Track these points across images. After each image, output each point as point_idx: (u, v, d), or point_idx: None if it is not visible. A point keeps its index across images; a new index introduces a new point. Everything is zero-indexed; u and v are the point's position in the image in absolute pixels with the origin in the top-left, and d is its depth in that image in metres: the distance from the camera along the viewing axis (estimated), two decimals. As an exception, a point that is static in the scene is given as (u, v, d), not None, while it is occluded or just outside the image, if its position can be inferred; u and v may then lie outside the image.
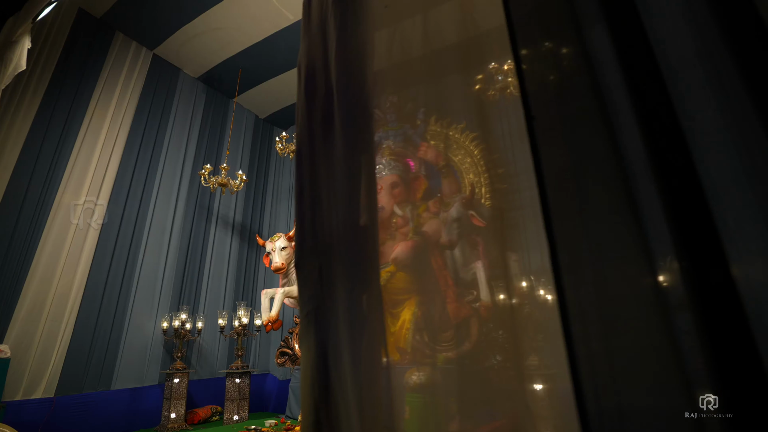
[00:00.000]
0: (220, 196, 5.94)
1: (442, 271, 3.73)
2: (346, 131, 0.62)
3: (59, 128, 4.34)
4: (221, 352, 5.49)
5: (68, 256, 4.19)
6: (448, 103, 1.17)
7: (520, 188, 4.85)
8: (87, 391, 4.17)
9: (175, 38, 5.13)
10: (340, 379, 0.50)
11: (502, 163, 5.12)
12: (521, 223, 4.90)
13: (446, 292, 3.58)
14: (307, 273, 0.60)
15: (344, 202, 0.60)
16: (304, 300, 0.59)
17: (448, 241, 3.42)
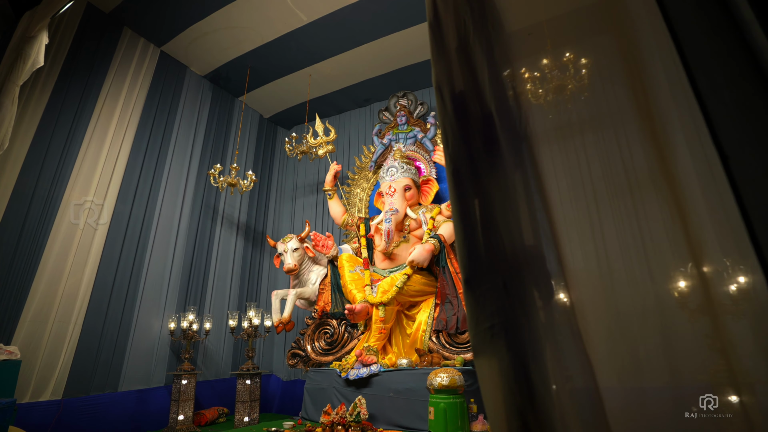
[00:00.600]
0: (226, 195, 5.89)
1: (458, 273, 3.80)
2: (515, 156, 0.66)
3: (68, 125, 4.26)
4: (226, 353, 5.46)
5: (76, 256, 4.12)
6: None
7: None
8: (94, 393, 4.10)
9: (184, 36, 5.07)
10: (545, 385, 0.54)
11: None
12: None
13: (463, 295, 3.64)
14: (487, 289, 0.64)
15: (516, 221, 0.64)
16: (484, 314, 0.63)
17: (466, 244, 3.49)
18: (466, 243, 0.69)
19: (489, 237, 0.65)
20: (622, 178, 0.63)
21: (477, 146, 0.71)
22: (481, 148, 0.71)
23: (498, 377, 0.60)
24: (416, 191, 4.61)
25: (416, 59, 5.67)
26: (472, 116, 0.74)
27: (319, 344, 4.31)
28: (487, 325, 0.62)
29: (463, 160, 0.72)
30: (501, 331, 0.61)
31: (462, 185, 0.72)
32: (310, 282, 4.64)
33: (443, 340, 3.66)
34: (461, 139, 0.74)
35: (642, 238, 0.60)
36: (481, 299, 0.64)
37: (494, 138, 0.70)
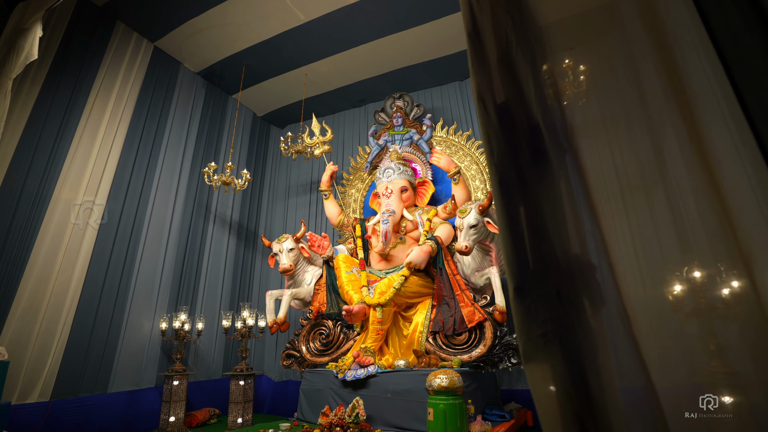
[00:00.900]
0: (219, 194, 5.82)
1: (455, 275, 3.84)
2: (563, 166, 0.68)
3: (58, 120, 4.16)
4: (218, 354, 5.40)
5: (66, 254, 4.02)
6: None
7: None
8: (84, 394, 4.01)
9: (179, 31, 5.00)
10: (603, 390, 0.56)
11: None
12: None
13: (460, 296, 3.69)
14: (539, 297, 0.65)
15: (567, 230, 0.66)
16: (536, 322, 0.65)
17: (464, 246, 3.52)
18: (515, 252, 0.70)
19: (540, 246, 0.67)
20: (660, 184, 0.65)
21: (525, 157, 0.73)
22: (529, 159, 0.73)
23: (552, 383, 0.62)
24: (412, 193, 4.63)
25: (413, 61, 5.70)
26: (519, 127, 0.76)
27: (315, 345, 4.29)
28: (540, 332, 0.64)
29: (511, 171, 0.74)
30: (555, 337, 0.63)
31: (509, 195, 0.73)
32: (305, 282, 4.62)
33: (440, 341, 3.69)
34: (508, 150, 0.76)
35: (681, 242, 0.62)
36: (532, 307, 0.66)
37: (542, 149, 0.72)
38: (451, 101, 5.97)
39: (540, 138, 0.73)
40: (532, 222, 0.69)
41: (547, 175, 0.70)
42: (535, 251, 0.68)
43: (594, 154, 0.72)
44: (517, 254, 0.70)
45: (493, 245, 3.74)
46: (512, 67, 0.81)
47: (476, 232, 3.58)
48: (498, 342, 3.45)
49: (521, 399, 4.23)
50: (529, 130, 0.75)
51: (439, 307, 3.76)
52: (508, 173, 0.75)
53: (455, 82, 6.04)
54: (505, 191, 0.75)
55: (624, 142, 0.70)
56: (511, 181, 0.74)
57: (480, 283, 3.82)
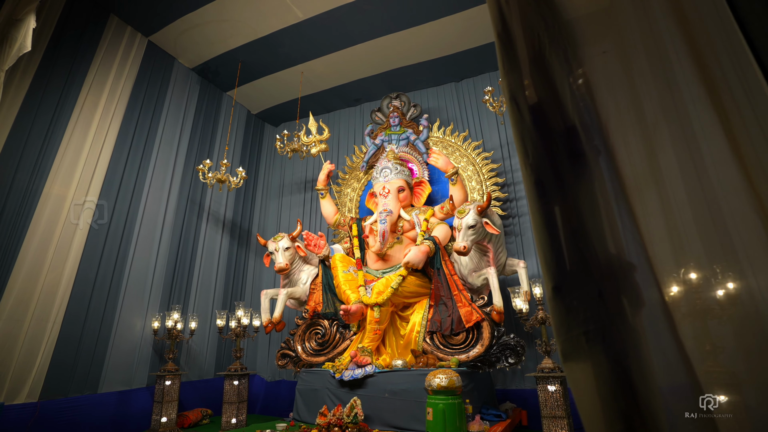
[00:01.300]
0: (213, 192, 5.75)
1: (452, 276, 3.86)
2: (601, 167, 0.69)
3: (49, 114, 4.06)
4: (210, 353, 5.33)
5: (56, 251, 3.93)
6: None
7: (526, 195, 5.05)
8: (73, 395, 3.93)
9: (174, 26, 4.92)
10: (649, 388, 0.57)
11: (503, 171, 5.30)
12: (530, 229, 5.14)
13: (458, 296, 3.71)
14: (579, 296, 0.66)
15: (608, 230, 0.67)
16: (577, 320, 0.65)
17: (462, 246, 3.54)
18: (553, 252, 0.71)
19: (579, 246, 0.68)
20: (696, 180, 0.66)
21: (561, 158, 0.74)
22: (566, 160, 0.73)
23: (595, 382, 0.63)
24: (409, 193, 4.64)
25: (409, 61, 5.70)
26: (555, 128, 0.76)
27: (310, 345, 4.27)
28: (581, 331, 0.65)
29: (547, 172, 0.75)
30: (597, 336, 0.63)
31: (546, 195, 0.74)
32: (301, 282, 4.59)
33: (437, 341, 3.70)
34: (543, 151, 0.76)
35: (722, 242, 0.63)
36: (572, 306, 0.66)
37: (580, 150, 0.72)
38: (447, 102, 5.99)
39: (577, 139, 0.74)
40: (571, 222, 0.70)
41: (585, 175, 0.71)
42: (575, 251, 0.68)
43: (630, 155, 0.73)
44: (555, 254, 0.71)
45: (491, 246, 3.77)
46: (546, 68, 0.82)
47: (474, 232, 3.60)
48: (495, 342, 3.48)
49: (515, 399, 4.27)
50: (566, 131, 0.75)
51: (437, 307, 3.77)
52: (545, 174, 0.75)
53: (451, 83, 6.07)
54: (542, 191, 0.75)
55: (660, 144, 0.71)
56: (547, 182, 0.75)
57: (477, 283, 3.85)
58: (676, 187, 0.68)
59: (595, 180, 0.70)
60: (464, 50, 5.48)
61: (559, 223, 0.71)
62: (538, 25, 0.86)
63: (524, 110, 0.81)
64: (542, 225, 0.73)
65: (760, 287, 0.59)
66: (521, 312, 3.35)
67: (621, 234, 0.66)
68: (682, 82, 0.73)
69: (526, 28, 0.87)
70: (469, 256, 3.83)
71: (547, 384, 3.02)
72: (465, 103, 5.82)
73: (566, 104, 0.76)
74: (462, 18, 4.97)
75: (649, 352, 0.59)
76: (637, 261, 0.64)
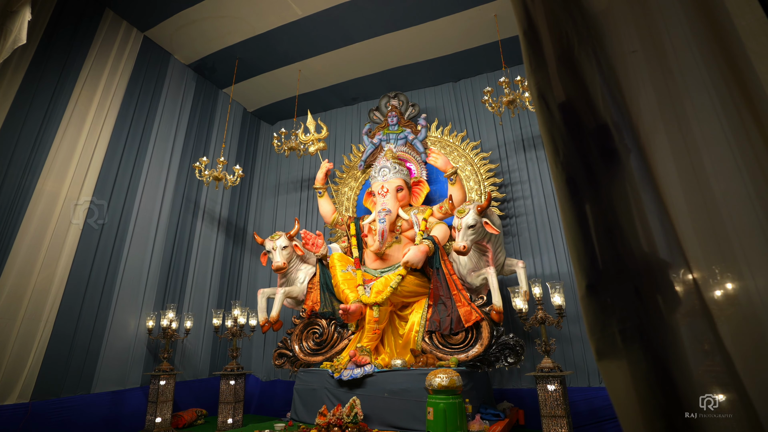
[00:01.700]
0: (207, 189, 5.69)
1: (451, 275, 3.86)
2: (634, 165, 0.69)
3: (42, 109, 3.99)
4: (204, 353, 5.28)
5: (49, 249, 3.86)
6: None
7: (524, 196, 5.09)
8: (65, 395, 3.86)
9: (171, 22, 4.86)
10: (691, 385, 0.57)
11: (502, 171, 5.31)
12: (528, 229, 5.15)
13: (457, 296, 3.71)
14: (615, 294, 0.66)
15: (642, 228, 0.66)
16: (613, 318, 0.65)
17: (462, 246, 3.54)
18: (587, 250, 0.70)
19: (615, 244, 0.67)
20: (735, 179, 0.66)
21: (594, 156, 0.74)
22: (598, 158, 0.73)
23: (632, 380, 0.62)
24: (407, 192, 4.63)
25: (407, 60, 5.70)
26: (586, 127, 0.76)
27: (308, 344, 4.25)
28: (617, 329, 0.64)
29: (578, 170, 0.74)
30: (635, 334, 0.63)
31: (578, 194, 0.73)
32: (298, 281, 4.56)
33: (436, 340, 3.70)
34: (574, 149, 0.76)
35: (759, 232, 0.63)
36: (608, 304, 0.66)
37: (612, 149, 0.72)
38: (444, 102, 6.00)
39: (609, 137, 0.73)
40: (605, 220, 0.70)
41: (618, 173, 0.71)
42: (610, 249, 0.68)
43: (661, 154, 0.73)
44: (589, 252, 0.70)
45: (490, 245, 3.78)
46: (574, 66, 0.81)
47: (474, 232, 3.61)
48: (495, 342, 3.49)
49: (512, 398, 4.29)
50: (597, 129, 0.75)
51: (436, 307, 3.77)
52: (576, 172, 0.75)
53: (449, 83, 6.07)
54: (573, 190, 0.75)
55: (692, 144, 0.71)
56: (579, 180, 0.74)
57: (476, 283, 3.85)
58: (710, 187, 0.68)
59: (629, 178, 0.70)
60: (462, 50, 5.49)
61: (592, 221, 0.71)
62: (565, 22, 0.85)
63: (553, 108, 0.81)
64: (574, 223, 0.73)
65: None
66: (521, 312, 3.36)
67: (656, 232, 0.66)
68: (713, 83, 0.74)
69: (553, 25, 0.87)
70: (468, 256, 3.84)
71: (547, 383, 3.03)
72: (462, 104, 5.83)
73: (597, 102, 0.76)
74: (461, 18, 4.97)
75: (687, 351, 0.59)
76: (673, 259, 0.64)
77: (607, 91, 0.77)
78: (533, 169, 5.08)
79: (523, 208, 4.96)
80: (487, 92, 4.28)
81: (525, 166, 5.13)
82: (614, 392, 0.64)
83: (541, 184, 4.97)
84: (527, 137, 5.26)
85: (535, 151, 5.15)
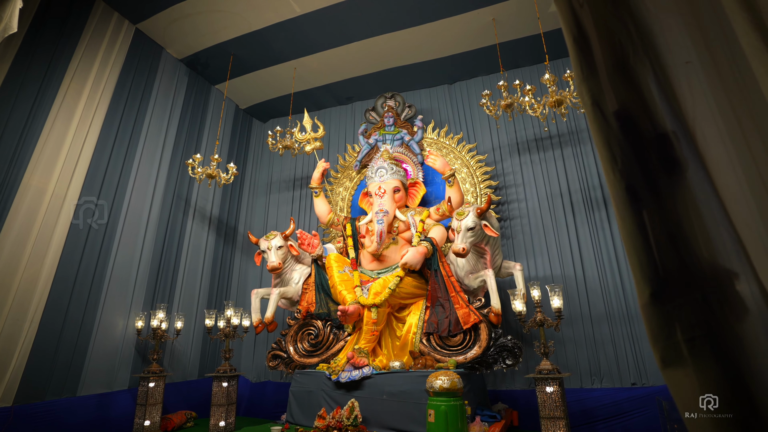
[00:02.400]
0: (199, 187, 5.58)
1: (449, 277, 3.87)
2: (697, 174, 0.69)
3: (30, 101, 3.84)
4: (194, 354, 5.17)
5: (35, 246, 3.72)
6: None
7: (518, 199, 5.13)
8: (50, 398, 3.72)
9: (165, 15, 4.74)
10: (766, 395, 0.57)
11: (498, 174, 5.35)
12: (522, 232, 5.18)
13: (455, 298, 3.72)
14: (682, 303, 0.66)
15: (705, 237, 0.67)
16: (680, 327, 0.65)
17: (461, 248, 3.56)
18: (649, 258, 0.71)
19: (679, 252, 0.68)
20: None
21: (654, 165, 0.74)
22: (659, 167, 0.73)
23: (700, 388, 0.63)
24: (404, 193, 4.63)
25: (403, 62, 5.69)
26: (645, 135, 0.76)
27: (303, 345, 4.20)
28: (684, 338, 0.65)
29: (639, 178, 0.74)
30: (704, 343, 0.63)
31: (638, 202, 0.74)
32: (293, 281, 4.51)
33: (434, 342, 3.70)
34: (634, 158, 0.76)
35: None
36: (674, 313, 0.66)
37: (674, 158, 0.72)
38: (439, 104, 6.02)
39: (670, 146, 0.74)
40: (668, 229, 0.70)
41: (681, 182, 0.71)
42: (674, 257, 0.68)
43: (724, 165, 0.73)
44: (652, 260, 0.70)
45: (488, 248, 3.80)
46: (630, 75, 0.82)
47: (473, 234, 3.62)
48: (493, 344, 3.51)
49: (506, 399, 4.33)
50: (657, 138, 0.75)
51: (433, 309, 3.77)
52: (636, 180, 0.75)
53: (444, 85, 6.09)
54: (634, 197, 0.75)
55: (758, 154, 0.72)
56: (639, 188, 0.75)
57: (473, 285, 3.87)
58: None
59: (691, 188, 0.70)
60: (458, 53, 5.51)
61: (655, 229, 0.71)
62: (618, 31, 0.86)
63: (609, 116, 0.81)
64: (635, 231, 0.73)
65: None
66: (520, 314, 3.39)
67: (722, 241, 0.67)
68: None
69: (605, 33, 0.87)
70: (466, 258, 3.85)
71: (546, 385, 3.07)
72: (457, 106, 5.86)
73: (656, 111, 0.76)
74: (459, 21, 5.00)
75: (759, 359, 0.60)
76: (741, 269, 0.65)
77: (665, 100, 0.78)
78: (527, 172, 5.13)
79: (517, 211, 5.01)
80: (486, 95, 4.31)
81: (519, 170, 5.19)
82: (681, 401, 0.65)
83: (534, 188, 5.03)
84: (521, 141, 5.32)
85: (530, 154, 5.21)
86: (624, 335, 4.18)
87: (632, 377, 4.06)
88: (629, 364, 4.10)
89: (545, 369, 3.13)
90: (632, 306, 4.23)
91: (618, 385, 4.08)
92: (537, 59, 5.52)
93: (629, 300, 4.26)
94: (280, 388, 5.31)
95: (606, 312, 4.31)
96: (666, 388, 3.86)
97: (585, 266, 4.52)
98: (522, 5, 4.68)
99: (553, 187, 4.93)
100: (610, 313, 4.30)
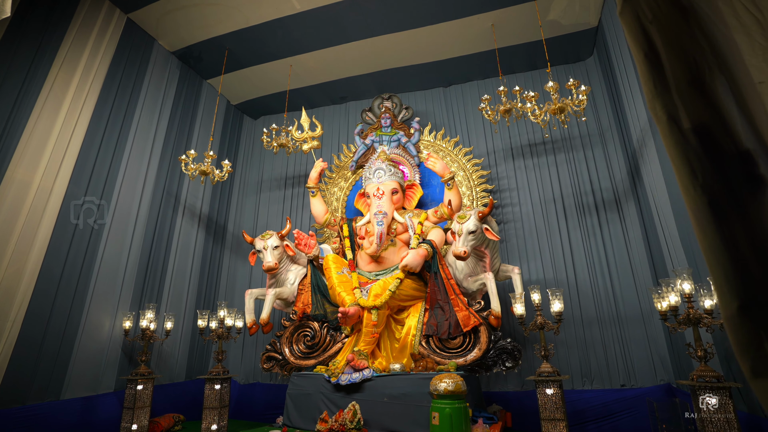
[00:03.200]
0: (189, 184, 5.43)
1: (449, 279, 3.89)
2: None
3: (15, 90, 3.65)
4: (181, 355, 5.02)
5: (18, 242, 3.54)
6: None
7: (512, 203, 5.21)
8: (32, 402, 3.55)
9: (158, 5, 4.59)
10: None
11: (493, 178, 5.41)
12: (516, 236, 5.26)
13: (455, 300, 3.75)
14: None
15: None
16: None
17: (462, 251, 3.58)
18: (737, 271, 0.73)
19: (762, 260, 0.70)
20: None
21: (738, 181, 0.76)
22: (743, 183, 0.75)
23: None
24: (402, 195, 4.63)
25: (400, 63, 5.69)
26: (727, 152, 0.78)
27: (299, 347, 4.14)
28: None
29: (722, 193, 0.76)
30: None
31: (722, 215, 0.75)
32: (288, 282, 4.45)
33: (434, 344, 3.72)
34: (715, 173, 0.78)
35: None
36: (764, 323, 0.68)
37: (758, 176, 0.75)
38: (434, 106, 6.05)
39: (753, 163, 0.76)
40: (757, 243, 0.72)
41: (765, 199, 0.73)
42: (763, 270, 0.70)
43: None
44: (740, 273, 0.72)
45: (488, 251, 3.84)
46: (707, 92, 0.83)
47: (474, 238, 3.65)
48: (492, 346, 3.55)
49: (499, 401, 4.39)
50: (739, 155, 0.77)
51: (433, 311, 3.79)
52: (720, 195, 0.77)
53: (439, 88, 6.13)
54: (717, 212, 0.77)
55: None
56: (723, 203, 0.76)
57: (473, 288, 3.91)
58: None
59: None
60: (455, 57, 5.55)
61: (742, 243, 0.73)
62: (692, 48, 0.87)
63: (687, 132, 0.83)
64: (720, 245, 0.75)
65: None
66: (521, 317, 3.44)
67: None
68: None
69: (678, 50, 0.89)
70: (465, 261, 3.88)
71: (546, 387, 3.12)
72: (452, 109, 5.90)
73: (736, 129, 0.78)
74: (458, 25, 5.03)
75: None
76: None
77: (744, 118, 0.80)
78: (521, 177, 5.22)
79: (510, 215, 5.09)
80: (485, 100, 4.35)
81: (513, 174, 5.27)
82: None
83: (528, 193, 5.11)
84: (516, 146, 5.40)
85: (524, 159, 5.29)
86: (614, 338, 4.30)
87: (621, 379, 4.18)
88: (619, 366, 4.22)
89: (546, 371, 3.19)
90: (622, 309, 4.36)
91: (608, 386, 4.20)
92: (531, 66, 5.62)
93: (619, 303, 4.39)
94: (270, 390, 5.23)
95: (597, 315, 4.43)
96: (654, 389, 3.99)
97: (577, 270, 4.63)
98: (521, 12, 4.76)
99: (546, 192, 5.03)
100: (600, 316, 4.42)
